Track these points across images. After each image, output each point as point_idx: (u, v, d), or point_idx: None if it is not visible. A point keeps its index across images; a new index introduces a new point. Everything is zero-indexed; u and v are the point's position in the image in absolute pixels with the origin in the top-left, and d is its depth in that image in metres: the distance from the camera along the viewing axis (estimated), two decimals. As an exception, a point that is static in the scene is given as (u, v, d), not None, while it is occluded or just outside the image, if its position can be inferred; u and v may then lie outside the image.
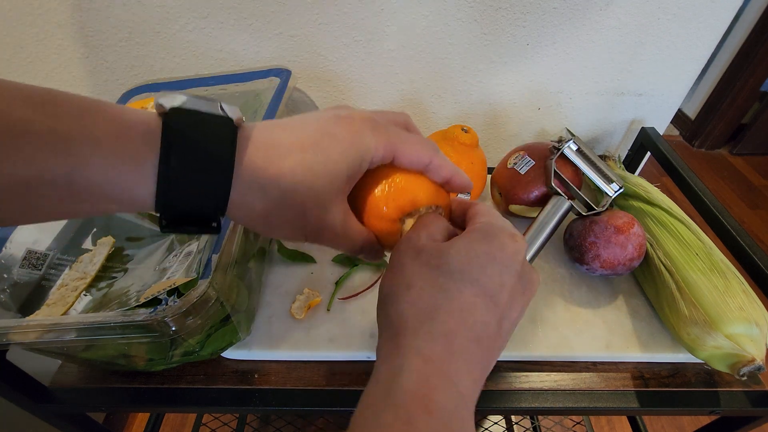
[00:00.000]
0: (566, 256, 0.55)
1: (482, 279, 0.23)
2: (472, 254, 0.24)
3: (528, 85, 0.66)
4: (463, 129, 0.55)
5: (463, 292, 0.23)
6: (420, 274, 0.24)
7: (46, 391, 0.44)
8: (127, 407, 0.44)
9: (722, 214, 0.51)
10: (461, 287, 0.23)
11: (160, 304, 0.33)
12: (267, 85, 0.57)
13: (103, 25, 0.58)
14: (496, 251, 0.24)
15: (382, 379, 0.22)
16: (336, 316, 0.48)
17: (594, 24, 0.59)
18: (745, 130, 2.15)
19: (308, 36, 0.60)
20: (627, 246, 0.47)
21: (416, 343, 0.22)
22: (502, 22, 0.59)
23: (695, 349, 0.43)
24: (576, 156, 0.53)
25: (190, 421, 1.10)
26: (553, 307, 0.50)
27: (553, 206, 0.50)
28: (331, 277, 0.52)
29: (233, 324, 0.42)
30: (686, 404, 0.44)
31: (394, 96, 0.67)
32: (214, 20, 0.58)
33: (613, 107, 0.70)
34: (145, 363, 0.42)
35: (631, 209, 0.55)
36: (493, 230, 0.25)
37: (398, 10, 0.57)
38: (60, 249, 0.45)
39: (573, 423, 1.06)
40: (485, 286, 0.23)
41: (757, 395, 0.44)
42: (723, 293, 0.42)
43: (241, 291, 0.43)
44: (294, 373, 0.45)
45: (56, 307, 0.41)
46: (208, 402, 0.43)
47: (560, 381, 0.45)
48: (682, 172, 0.58)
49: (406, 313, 0.23)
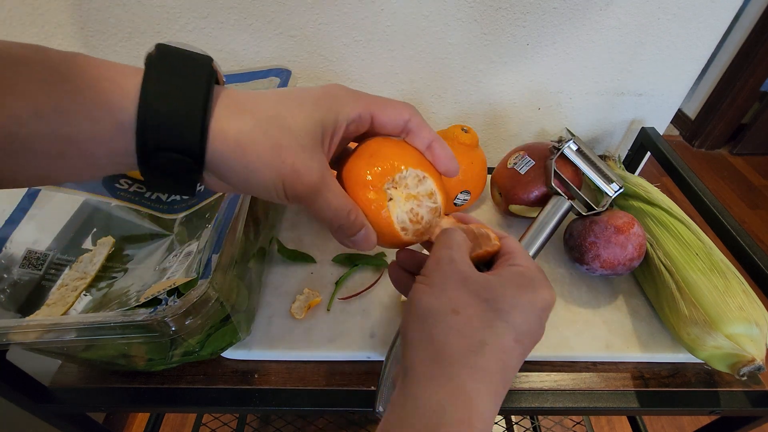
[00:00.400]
0: (566, 256, 0.55)
1: (524, 327, 0.25)
2: (518, 299, 0.25)
3: (528, 85, 0.66)
4: (463, 129, 0.55)
5: (507, 335, 0.24)
6: (468, 302, 0.24)
7: (46, 391, 0.44)
8: (127, 407, 0.44)
9: (722, 214, 0.51)
10: (506, 329, 0.24)
11: (160, 304, 0.33)
12: (267, 85, 0.57)
13: (103, 25, 0.58)
14: (539, 302, 0.26)
15: (422, 406, 0.22)
16: (336, 316, 0.48)
17: (594, 24, 0.59)
18: (745, 130, 2.15)
19: (308, 36, 0.60)
20: (627, 246, 0.47)
21: (461, 378, 0.22)
22: (502, 22, 0.59)
23: (695, 349, 0.43)
24: (576, 156, 0.53)
25: (190, 421, 1.10)
26: (554, 307, 0.50)
27: (553, 206, 0.50)
28: (331, 277, 0.52)
29: (233, 324, 0.42)
30: (686, 404, 0.44)
31: (394, 96, 0.67)
32: (214, 20, 0.58)
33: (613, 107, 0.70)
34: (145, 363, 0.42)
35: (631, 209, 0.55)
36: (538, 278, 0.27)
37: (398, 10, 0.57)
38: (60, 249, 0.45)
39: (573, 423, 1.06)
40: (524, 333, 0.25)
41: (757, 395, 0.44)
42: (723, 293, 0.42)
43: (241, 291, 0.43)
44: (294, 373, 0.45)
45: (56, 307, 0.41)
46: (208, 402, 0.43)
47: (560, 381, 0.45)
48: (682, 172, 0.58)
49: (452, 339, 0.23)
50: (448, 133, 0.56)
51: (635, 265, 0.48)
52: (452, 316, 0.24)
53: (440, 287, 0.25)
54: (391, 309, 0.49)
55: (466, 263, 0.27)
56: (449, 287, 0.25)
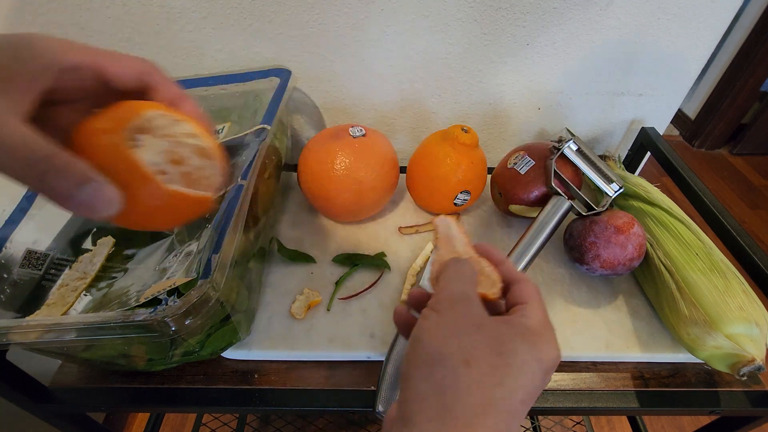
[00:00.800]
0: (566, 256, 0.55)
1: (530, 387, 0.23)
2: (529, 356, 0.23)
3: (528, 85, 0.66)
4: (463, 129, 0.55)
5: (516, 395, 0.22)
6: (482, 354, 0.22)
7: (46, 391, 0.44)
8: (127, 407, 0.44)
9: (722, 214, 0.51)
10: (514, 389, 0.22)
11: (160, 304, 0.33)
12: (267, 85, 0.57)
13: (103, 25, 0.58)
14: (547, 361, 0.24)
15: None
16: (336, 316, 0.48)
17: (594, 24, 0.59)
18: (745, 130, 2.15)
19: (308, 36, 0.60)
20: (627, 246, 0.47)
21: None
22: (502, 22, 0.59)
23: (695, 349, 0.43)
24: (576, 156, 0.53)
25: (190, 421, 1.10)
26: (553, 307, 0.50)
27: (553, 206, 0.50)
28: (331, 277, 0.52)
29: (233, 324, 0.42)
30: (686, 404, 0.44)
31: (394, 96, 0.67)
32: (214, 20, 0.58)
33: (613, 107, 0.70)
34: (145, 363, 0.42)
35: (631, 209, 0.55)
36: (548, 335, 0.25)
37: (398, 10, 0.57)
38: (60, 249, 0.45)
39: (573, 423, 1.06)
40: (530, 393, 0.23)
41: (757, 395, 0.44)
42: (723, 293, 0.42)
43: (241, 291, 0.43)
44: (294, 373, 0.45)
45: (56, 307, 0.41)
46: (208, 402, 0.43)
47: (560, 381, 0.45)
48: (682, 172, 0.58)
49: (462, 397, 0.21)
50: (448, 133, 0.56)
51: (635, 265, 0.48)
52: (464, 368, 0.21)
53: (453, 330, 0.23)
54: (391, 309, 0.49)
55: (480, 305, 0.25)
56: (463, 332, 0.23)
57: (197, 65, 0.62)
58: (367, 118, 0.70)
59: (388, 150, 0.57)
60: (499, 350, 0.22)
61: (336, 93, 0.66)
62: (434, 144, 0.57)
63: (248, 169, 0.43)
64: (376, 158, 0.54)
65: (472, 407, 0.21)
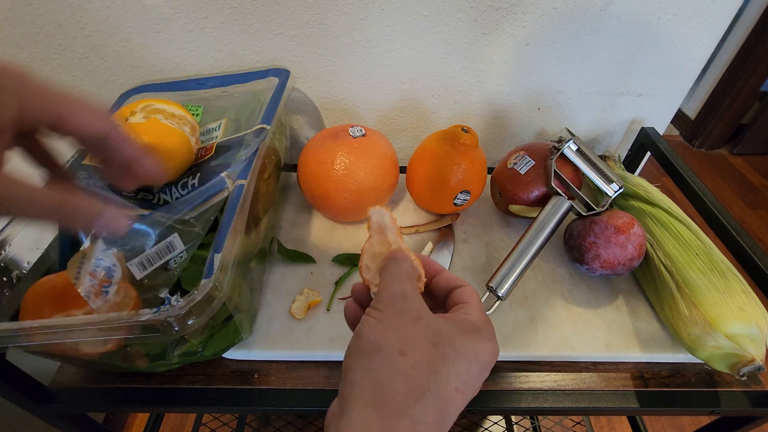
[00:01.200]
0: (566, 256, 0.55)
1: (466, 376, 0.24)
2: (464, 347, 0.24)
3: (528, 85, 0.66)
4: (463, 129, 0.55)
5: (450, 383, 0.23)
6: (417, 344, 0.23)
7: (46, 391, 0.44)
8: (127, 407, 0.44)
9: (722, 214, 0.51)
10: (449, 377, 0.23)
11: (164, 304, 0.33)
12: (266, 85, 0.57)
13: (103, 25, 0.58)
14: (483, 353, 0.25)
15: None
16: (336, 316, 0.48)
17: (594, 24, 0.59)
18: (745, 130, 2.15)
19: (308, 36, 0.60)
20: (627, 246, 0.47)
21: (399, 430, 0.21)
22: (502, 22, 0.59)
23: (695, 349, 0.43)
24: (576, 156, 0.53)
25: (190, 421, 1.10)
26: (553, 307, 0.50)
27: (553, 206, 0.50)
28: (331, 277, 0.52)
29: (235, 324, 0.42)
30: (686, 404, 0.44)
31: (394, 96, 0.67)
32: (214, 20, 0.58)
33: (613, 107, 0.70)
34: (146, 364, 0.42)
35: (631, 209, 0.55)
36: (487, 330, 0.26)
37: (398, 10, 0.57)
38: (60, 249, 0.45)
39: (573, 423, 1.06)
40: (466, 383, 0.24)
41: (757, 395, 0.44)
42: (723, 293, 0.42)
43: (244, 291, 0.43)
44: (294, 373, 0.45)
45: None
46: (208, 402, 0.43)
47: (560, 381, 0.45)
48: (682, 172, 0.58)
49: (396, 384, 0.22)
50: (448, 133, 0.56)
51: (635, 265, 0.48)
52: (399, 357, 0.23)
53: (391, 323, 0.24)
54: (391, 309, 0.49)
55: (419, 300, 0.26)
56: (401, 325, 0.24)
57: (197, 65, 0.62)
58: (367, 118, 0.70)
59: (388, 150, 0.57)
60: (435, 341, 0.24)
61: (336, 93, 0.66)
62: (434, 144, 0.57)
63: (248, 169, 0.44)
64: (376, 158, 0.54)
65: (405, 393, 0.22)
